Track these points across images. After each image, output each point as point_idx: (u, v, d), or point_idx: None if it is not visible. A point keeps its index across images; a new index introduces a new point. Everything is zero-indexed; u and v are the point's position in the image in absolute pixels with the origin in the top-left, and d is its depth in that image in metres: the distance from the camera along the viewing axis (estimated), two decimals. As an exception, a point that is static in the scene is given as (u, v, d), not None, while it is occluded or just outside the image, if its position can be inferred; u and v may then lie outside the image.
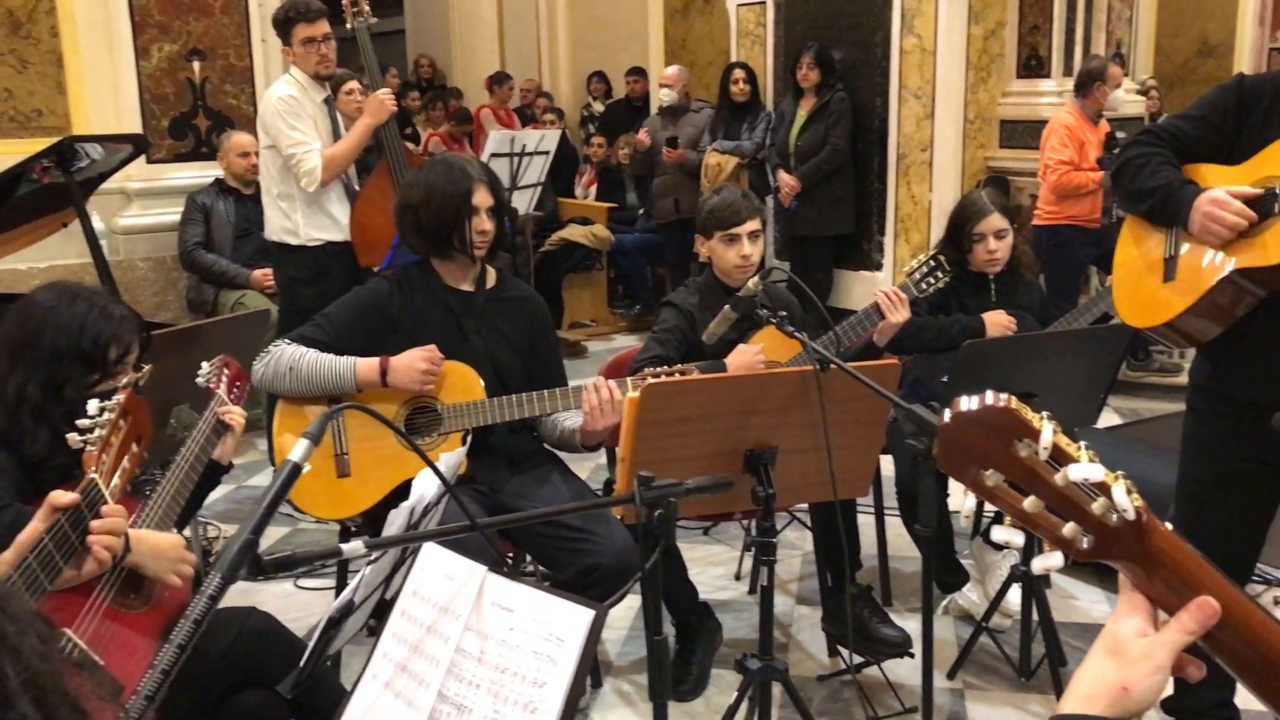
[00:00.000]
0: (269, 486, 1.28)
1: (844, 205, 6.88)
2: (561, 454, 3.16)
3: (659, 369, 2.84)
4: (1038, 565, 1.00)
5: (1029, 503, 0.96)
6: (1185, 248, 2.47)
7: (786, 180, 6.78)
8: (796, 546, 4.15)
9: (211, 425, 2.27)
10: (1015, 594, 3.29)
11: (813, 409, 2.51)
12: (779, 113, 7.10)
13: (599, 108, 10.56)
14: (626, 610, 3.67)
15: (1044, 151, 5.91)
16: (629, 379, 2.86)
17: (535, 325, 3.08)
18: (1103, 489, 0.94)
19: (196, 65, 5.97)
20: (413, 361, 2.85)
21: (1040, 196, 6.02)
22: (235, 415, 2.34)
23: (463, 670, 1.41)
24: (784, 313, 2.65)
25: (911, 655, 3.15)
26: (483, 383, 2.91)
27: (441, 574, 1.56)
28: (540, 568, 3.15)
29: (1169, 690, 2.86)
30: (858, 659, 3.21)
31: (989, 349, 3.12)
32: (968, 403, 0.95)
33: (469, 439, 2.83)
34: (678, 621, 3.28)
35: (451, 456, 2.10)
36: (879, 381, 2.42)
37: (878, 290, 3.42)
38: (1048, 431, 0.93)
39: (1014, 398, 0.95)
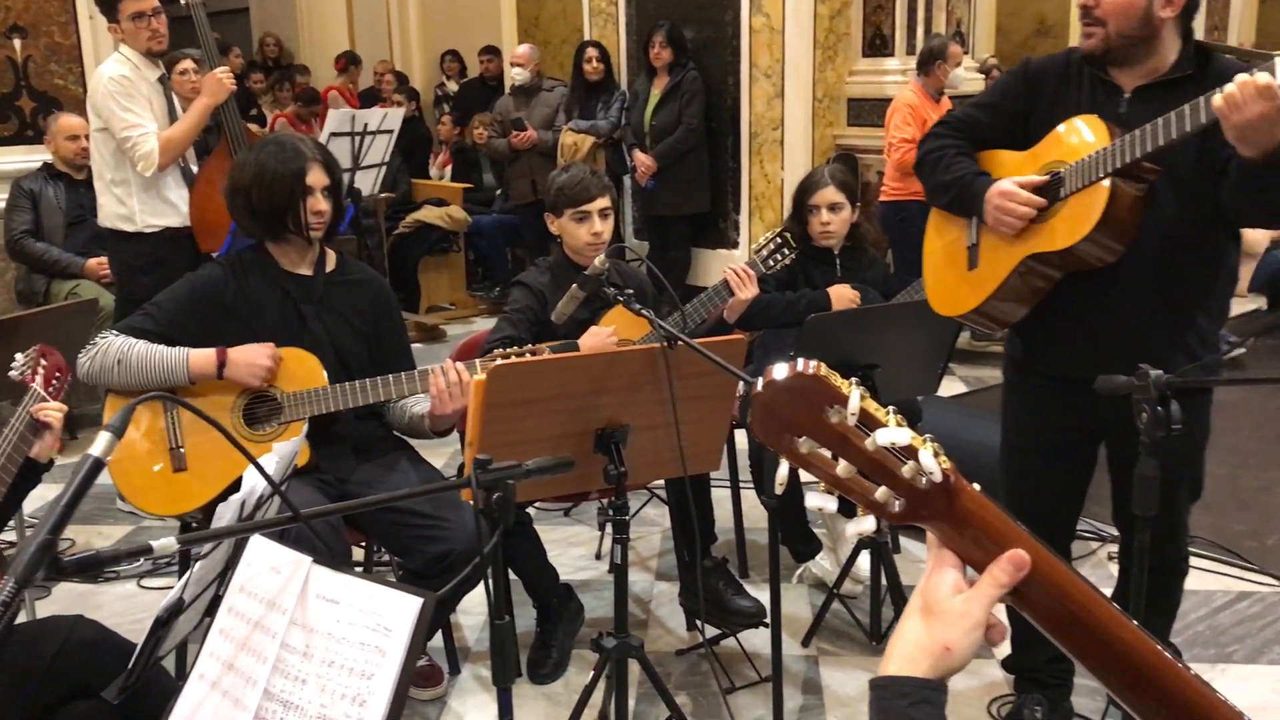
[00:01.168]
0: (68, 483, 1.20)
1: (699, 184, 6.92)
2: (415, 441, 3.10)
3: (508, 350, 2.80)
4: (850, 530, 1.02)
5: (842, 468, 0.97)
6: (985, 236, 2.54)
7: (643, 160, 6.79)
8: (656, 523, 4.17)
9: (26, 422, 2.15)
10: (865, 560, 3.36)
11: (662, 386, 2.52)
12: (633, 92, 7.10)
13: (453, 87, 10.39)
14: (484, 595, 3.63)
15: (888, 129, 6.05)
16: (477, 361, 2.81)
17: (379, 308, 3.01)
18: (911, 452, 0.95)
19: (18, 43, 5.64)
20: (254, 359, 2.76)
21: (885, 174, 6.16)
22: (51, 411, 2.22)
23: (289, 666, 1.36)
24: (630, 291, 2.64)
25: (767, 625, 3.19)
26: (324, 369, 2.83)
27: (268, 567, 1.50)
28: (394, 558, 3.09)
29: (1006, 650, 2.97)
30: (715, 631, 3.24)
31: (832, 322, 3.17)
32: (779, 371, 0.95)
33: (308, 427, 2.75)
34: (539, 604, 3.26)
35: (286, 445, 2.03)
36: (725, 357, 2.44)
37: (727, 267, 3.45)
38: (855, 397, 0.94)
39: (823, 364, 0.95)
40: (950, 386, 5.92)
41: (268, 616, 1.44)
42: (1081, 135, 2.37)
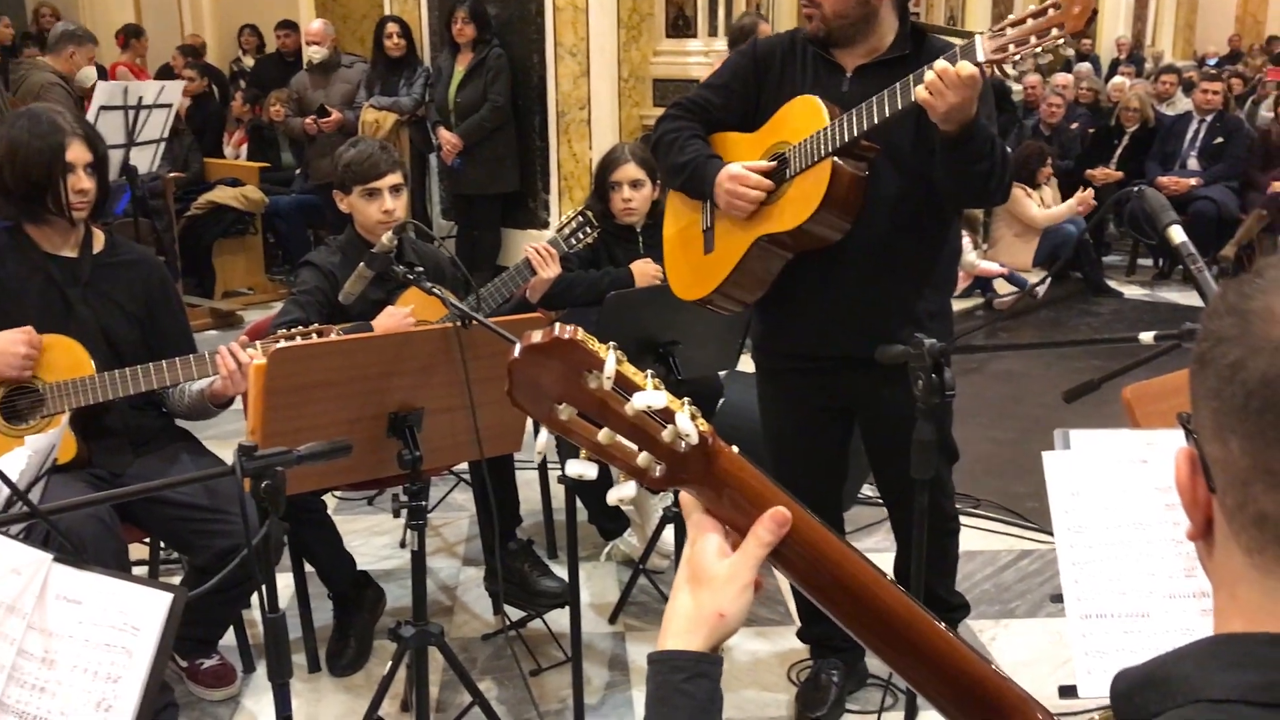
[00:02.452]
0: None
1: (508, 163, 6.84)
2: (204, 432, 2.94)
3: (293, 332, 2.68)
4: (612, 496, 0.98)
5: (603, 435, 0.94)
6: (719, 219, 2.58)
7: (448, 138, 6.65)
8: (464, 508, 4.10)
9: None
10: (670, 534, 3.39)
11: (457, 367, 2.46)
12: (436, 68, 6.94)
13: (249, 62, 9.95)
14: (283, 589, 3.48)
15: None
16: (258, 344, 2.68)
17: (153, 291, 2.82)
18: (668, 416, 0.93)
19: None
20: (8, 347, 2.55)
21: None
22: None
23: (26, 674, 1.24)
24: (421, 269, 2.56)
25: (565, 605, 3.18)
26: (92, 357, 2.64)
27: (9, 569, 1.38)
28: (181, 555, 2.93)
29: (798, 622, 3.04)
30: (521, 614, 3.21)
31: (632, 299, 3.17)
32: (535, 336, 0.92)
33: (70, 418, 2.56)
34: (335, 594, 3.15)
35: (41, 439, 1.87)
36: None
37: (528, 246, 3.41)
38: (611, 361, 0.91)
39: (580, 329, 0.92)
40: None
41: (5, 622, 1.32)
42: (802, 116, 2.41)
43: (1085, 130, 8.55)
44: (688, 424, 0.92)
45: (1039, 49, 2.15)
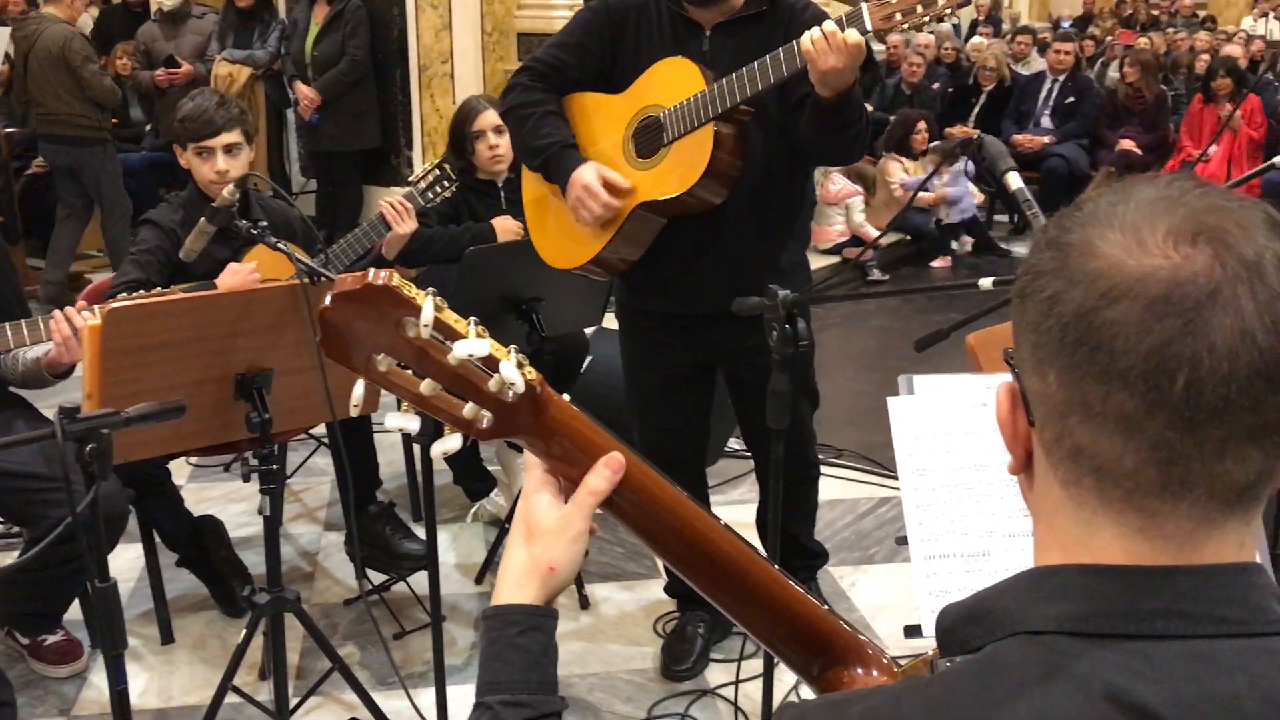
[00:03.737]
0: None
1: (368, 119, 6.63)
2: (46, 400, 2.79)
3: (133, 294, 2.55)
4: (436, 450, 0.95)
5: (425, 385, 0.91)
6: None
7: (305, 93, 6.42)
8: (325, 473, 4.00)
9: None
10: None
11: (306, 326, 2.37)
12: (292, 20, 6.68)
13: (93, 13, 9.44)
14: (134, 560, 3.35)
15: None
16: (95, 307, 2.54)
17: (-22, 251, 2.66)
18: (493, 364, 0.90)
19: None
20: None
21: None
22: None
23: None
24: (265, 224, 2.46)
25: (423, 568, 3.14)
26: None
27: None
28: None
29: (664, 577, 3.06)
30: (384, 578, 3.15)
31: (492, 255, 3.12)
32: (346, 283, 0.87)
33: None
34: (182, 559, 3.07)
35: None
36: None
37: (382, 200, 3.31)
38: (428, 306, 0.87)
39: (395, 273, 0.88)
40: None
41: None
42: (674, 79, 2.39)
43: (945, 89, 8.74)
44: (513, 372, 0.89)
45: (926, 19, 2.18)
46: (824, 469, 3.24)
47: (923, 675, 0.87)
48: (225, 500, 3.82)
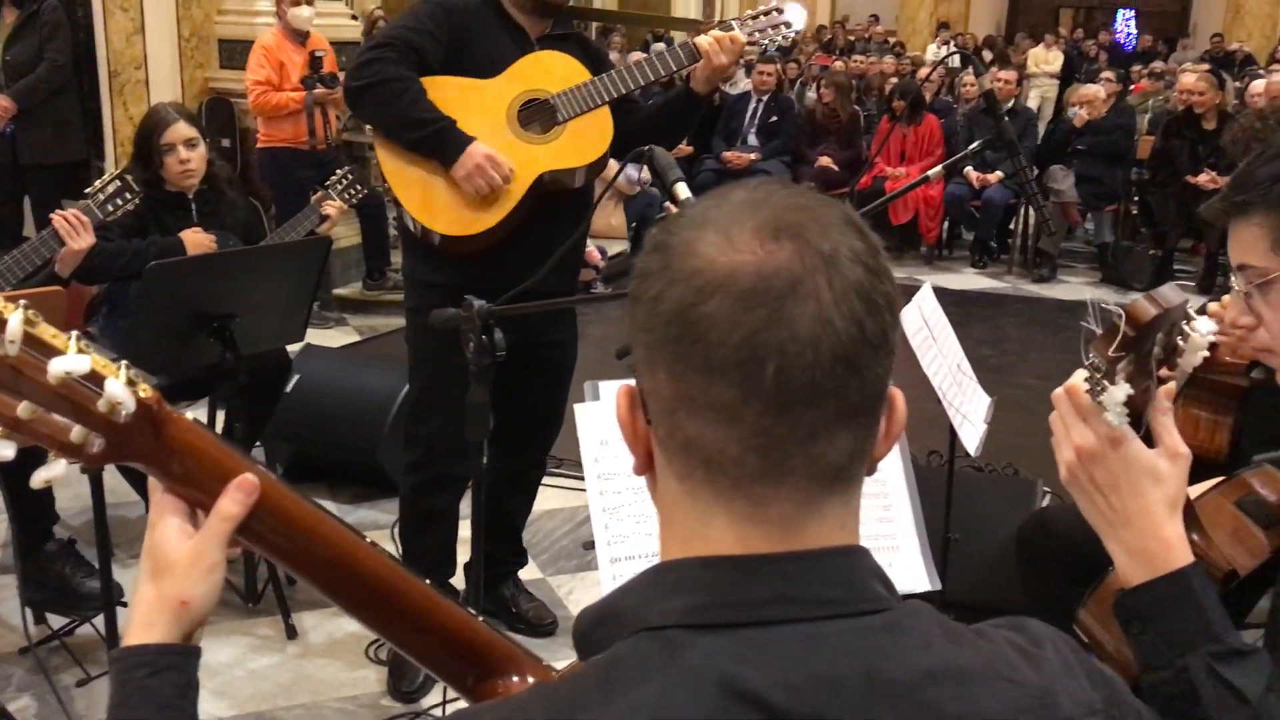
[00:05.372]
0: None
1: (72, 129, 6.07)
2: None
3: None
4: (37, 479, 0.86)
5: (23, 408, 0.82)
6: None
7: (-1, 102, 5.85)
8: None
9: None
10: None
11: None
12: (-29, 21, 6.09)
13: None
14: None
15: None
16: None
17: None
18: (98, 381, 0.83)
19: None
20: None
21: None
22: None
23: None
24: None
25: (124, 604, 2.93)
26: None
27: None
28: None
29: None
30: (66, 621, 2.91)
31: (178, 270, 2.94)
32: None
33: None
34: None
35: None
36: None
37: (55, 214, 3.07)
38: (15, 321, 0.79)
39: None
40: (344, 336, 5.87)
41: None
42: (556, 67, 2.65)
43: (659, 106, 9.00)
44: (119, 390, 0.83)
45: (776, 40, 2.72)
46: (545, 479, 3.26)
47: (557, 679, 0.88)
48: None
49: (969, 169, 7.67)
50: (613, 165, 2.72)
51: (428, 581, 0.98)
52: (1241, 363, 2.23)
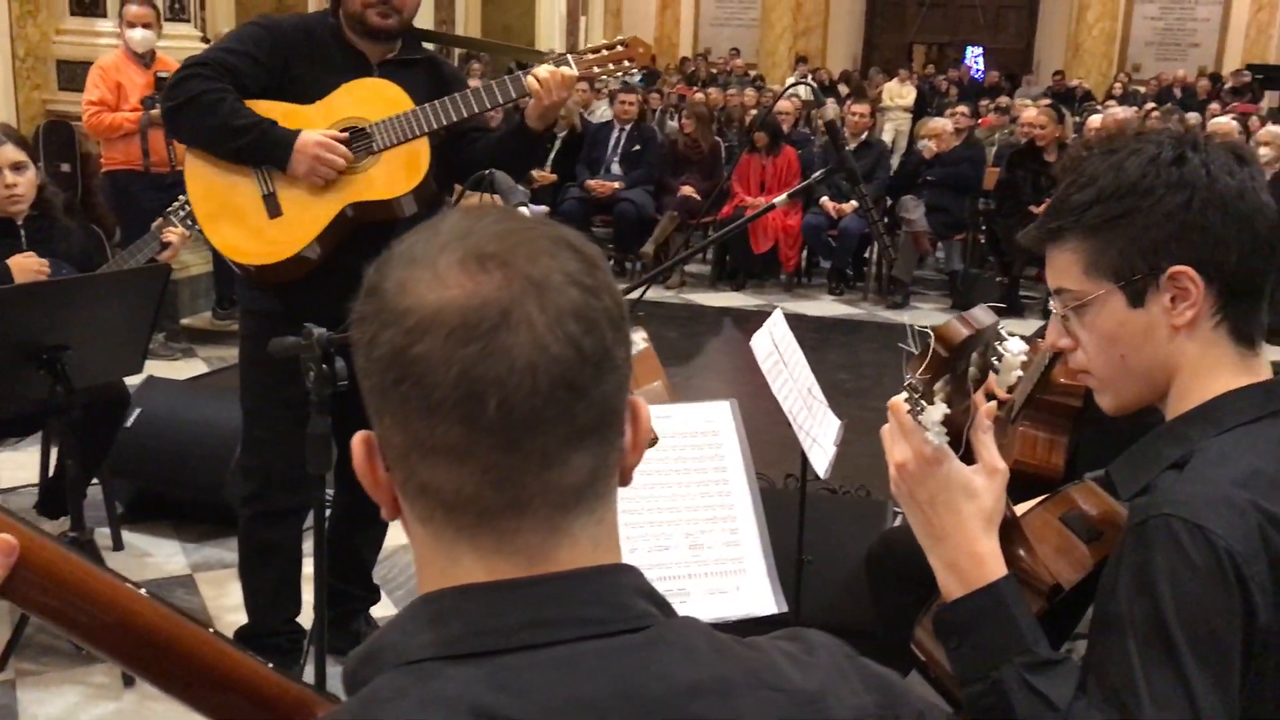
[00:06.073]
0: None
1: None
2: None
3: None
4: None
5: None
6: (283, 184, 2.55)
7: None
8: None
9: None
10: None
11: None
12: None
13: None
14: None
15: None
16: None
17: None
18: None
19: None
20: None
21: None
22: None
23: None
24: None
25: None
26: None
27: None
28: None
29: (242, 618, 2.88)
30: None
31: (4, 298, 2.79)
32: None
33: None
34: None
35: None
36: None
37: None
38: None
39: None
40: (191, 368, 5.67)
41: None
42: (379, 96, 2.56)
43: (522, 134, 9.00)
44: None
45: (618, 75, 2.69)
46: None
47: None
48: None
49: (825, 199, 7.87)
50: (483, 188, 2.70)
51: (213, 630, 0.92)
52: (1076, 384, 2.33)
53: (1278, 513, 1.12)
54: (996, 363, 1.06)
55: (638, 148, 8.49)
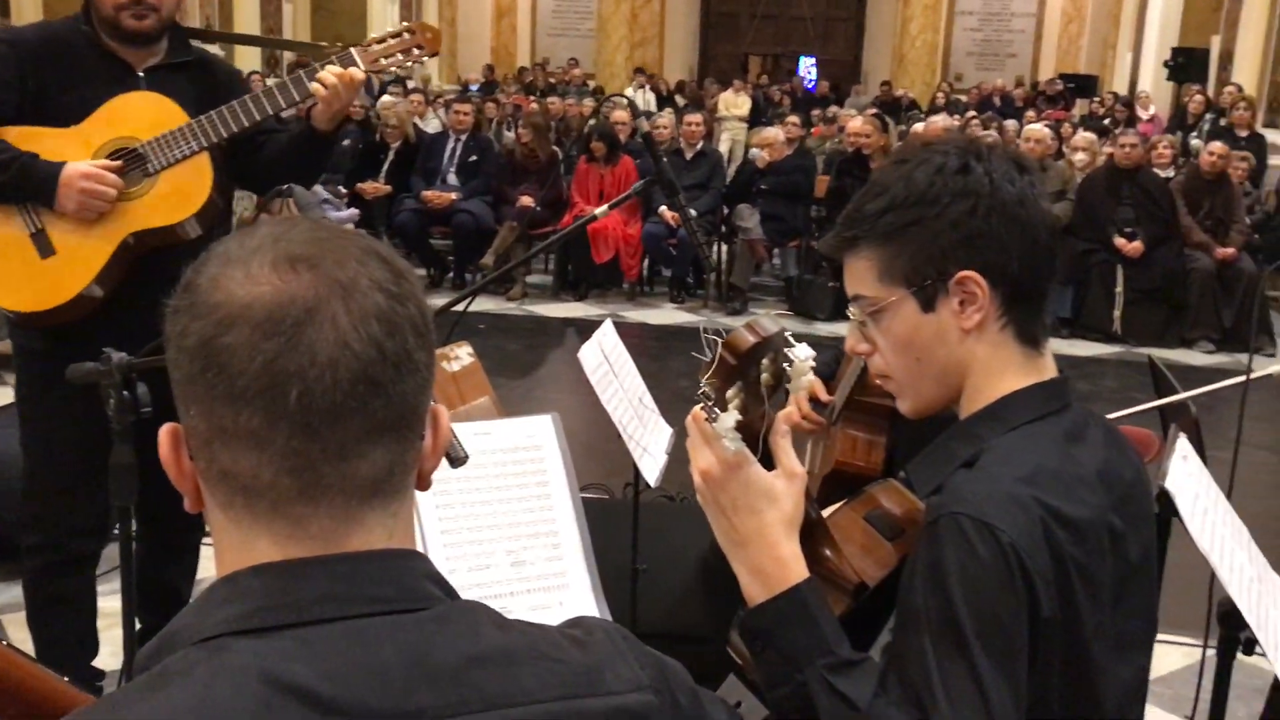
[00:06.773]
0: None
1: None
2: None
3: None
4: None
5: None
6: (52, 221, 2.37)
7: None
8: None
9: None
10: None
11: None
12: None
13: None
14: None
15: None
16: None
17: None
18: None
19: None
20: None
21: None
22: None
23: None
24: None
25: None
26: None
27: None
28: None
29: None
30: None
31: None
32: None
33: None
34: None
35: None
36: None
37: None
38: None
39: None
40: (2, 395, 5.34)
41: None
42: (148, 111, 2.39)
43: (356, 146, 8.81)
44: None
45: (410, 64, 2.53)
46: (206, 538, 3.07)
47: None
48: None
49: (663, 208, 7.95)
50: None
51: (6, 644, 0.92)
52: None
53: (1059, 507, 1.16)
54: (788, 368, 1.08)
55: (474, 158, 8.42)
